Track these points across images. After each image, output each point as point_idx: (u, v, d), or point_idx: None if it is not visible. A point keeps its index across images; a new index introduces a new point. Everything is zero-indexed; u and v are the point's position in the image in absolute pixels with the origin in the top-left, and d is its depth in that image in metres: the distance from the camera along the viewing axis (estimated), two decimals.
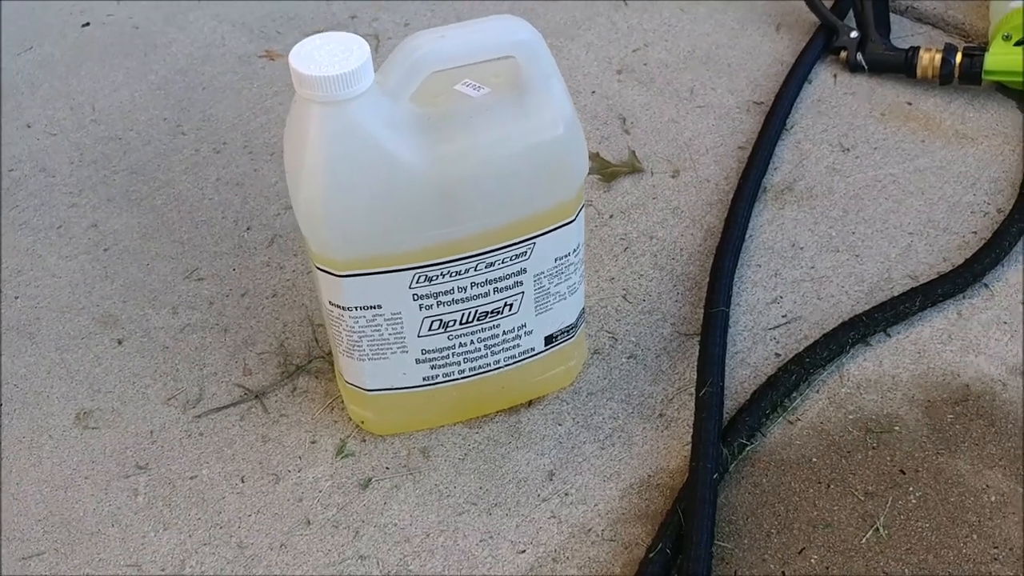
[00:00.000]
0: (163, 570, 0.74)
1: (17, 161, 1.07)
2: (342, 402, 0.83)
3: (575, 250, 0.74)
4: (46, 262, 0.97)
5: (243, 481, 0.79)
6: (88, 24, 1.26)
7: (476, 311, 0.73)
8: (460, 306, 0.73)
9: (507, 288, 0.73)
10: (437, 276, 0.70)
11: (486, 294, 0.73)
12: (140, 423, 0.83)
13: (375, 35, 1.20)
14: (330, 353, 0.86)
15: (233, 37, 1.22)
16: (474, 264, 0.71)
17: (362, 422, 0.80)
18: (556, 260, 0.73)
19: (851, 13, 1.13)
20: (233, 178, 1.04)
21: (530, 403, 0.82)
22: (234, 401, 0.84)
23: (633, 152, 1.02)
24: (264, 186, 1.03)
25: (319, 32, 1.20)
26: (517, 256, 0.72)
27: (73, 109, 1.14)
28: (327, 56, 0.64)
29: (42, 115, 1.13)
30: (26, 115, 1.13)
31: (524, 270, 0.73)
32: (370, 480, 0.78)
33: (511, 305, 0.74)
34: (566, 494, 0.76)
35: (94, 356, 0.88)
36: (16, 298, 0.94)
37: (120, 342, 0.89)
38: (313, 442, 0.81)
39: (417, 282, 0.70)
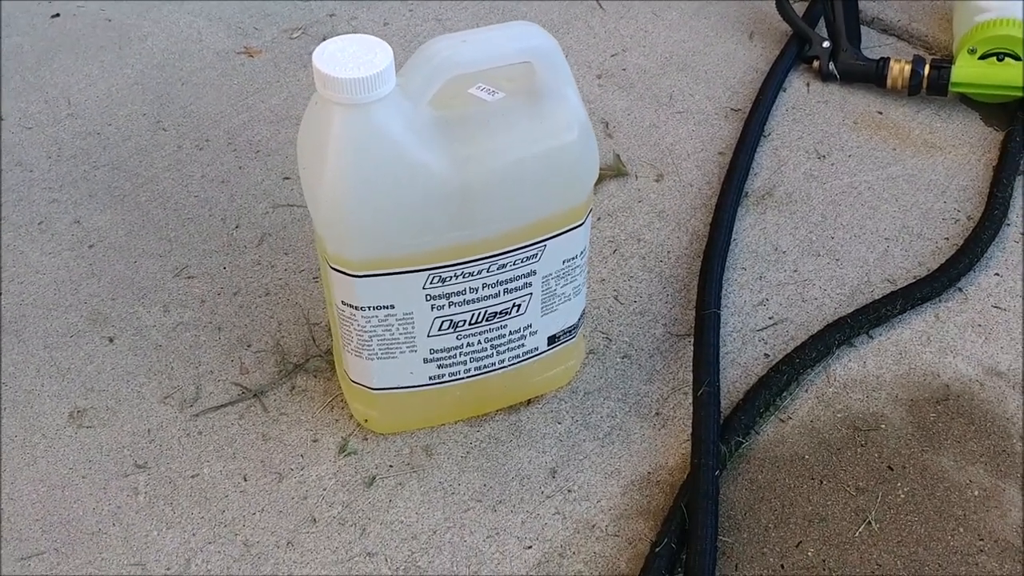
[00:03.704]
0: (168, 569, 0.74)
1: None
2: (342, 400, 0.83)
3: (581, 252, 0.76)
4: (29, 258, 0.95)
5: (246, 480, 0.79)
6: (58, 15, 1.24)
7: (486, 311, 0.75)
8: (471, 306, 0.74)
9: (517, 289, 0.74)
10: (451, 277, 0.72)
11: (496, 295, 0.74)
12: (136, 422, 0.83)
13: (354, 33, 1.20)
14: (328, 352, 0.87)
15: (210, 32, 1.21)
16: (487, 265, 0.72)
17: (365, 420, 0.81)
18: (564, 262, 0.75)
19: (823, 23, 1.17)
20: (218, 175, 1.03)
21: (529, 402, 0.83)
22: (232, 400, 0.84)
23: (618, 156, 1.05)
24: (250, 184, 1.02)
25: (297, 29, 1.21)
26: (528, 258, 0.73)
27: (48, 103, 1.12)
28: (351, 58, 0.65)
29: (15, 108, 1.11)
30: None
31: (534, 272, 0.74)
32: (374, 478, 0.79)
33: (519, 306, 0.75)
34: (569, 491, 0.78)
35: (85, 354, 0.88)
36: None
37: (111, 340, 0.89)
38: (315, 440, 0.81)
39: (431, 283, 0.71)
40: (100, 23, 1.22)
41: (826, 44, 1.13)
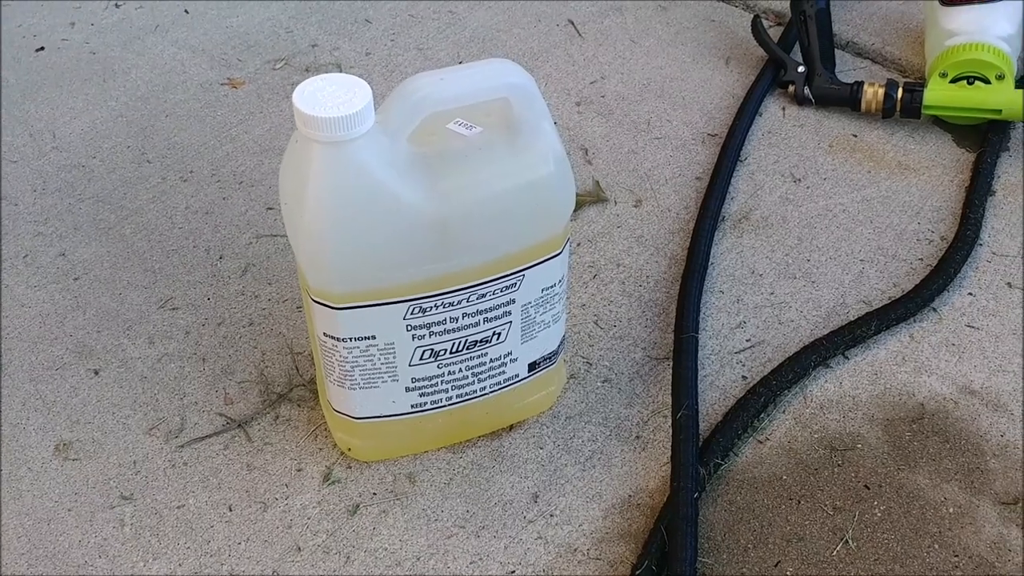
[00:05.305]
0: None
1: None
2: (326, 429, 0.84)
3: (560, 281, 0.77)
4: (14, 292, 0.96)
5: (231, 510, 0.80)
6: (42, 49, 1.25)
7: (466, 340, 0.76)
8: (451, 336, 0.75)
9: (496, 318, 0.76)
10: (431, 307, 0.73)
11: (476, 324, 0.75)
12: (122, 454, 0.84)
13: (336, 64, 1.22)
14: (311, 381, 0.88)
15: (193, 64, 1.22)
16: (466, 296, 0.73)
17: (348, 449, 0.82)
18: (543, 291, 0.76)
19: (797, 47, 1.19)
20: (202, 207, 1.04)
21: (511, 428, 0.84)
22: (217, 430, 0.85)
23: (597, 182, 1.06)
24: (234, 215, 1.03)
25: (280, 60, 1.23)
26: (507, 287, 0.74)
27: (32, 136, 1.13)
28: (330, 97, 0.66)
29: None
30: None
31: (513, 300, 0.75)
32: (358, 506, 0.80)
33: (499, 334, 0.77)
34: (551, 515, 0.79)
35: (70, 387, 0.88)
36: None
37: (96, 372, 0.89)
38: (299, 470, 0.82)
39: (411, 313, 0.73)
40: (84, 56, 1.23)
41: (801, 69, 1.15)
